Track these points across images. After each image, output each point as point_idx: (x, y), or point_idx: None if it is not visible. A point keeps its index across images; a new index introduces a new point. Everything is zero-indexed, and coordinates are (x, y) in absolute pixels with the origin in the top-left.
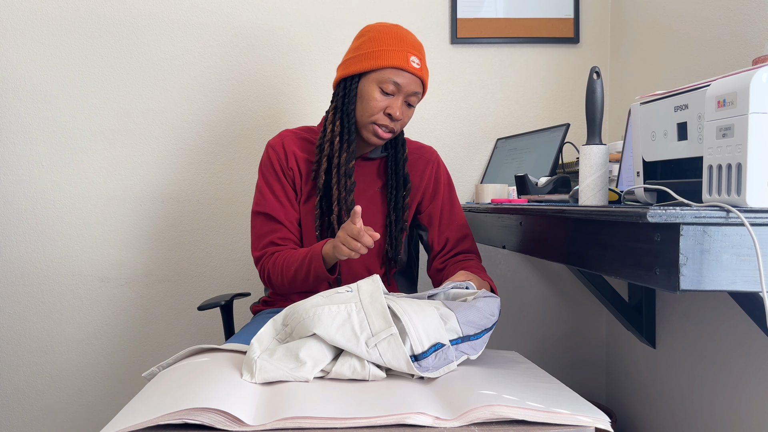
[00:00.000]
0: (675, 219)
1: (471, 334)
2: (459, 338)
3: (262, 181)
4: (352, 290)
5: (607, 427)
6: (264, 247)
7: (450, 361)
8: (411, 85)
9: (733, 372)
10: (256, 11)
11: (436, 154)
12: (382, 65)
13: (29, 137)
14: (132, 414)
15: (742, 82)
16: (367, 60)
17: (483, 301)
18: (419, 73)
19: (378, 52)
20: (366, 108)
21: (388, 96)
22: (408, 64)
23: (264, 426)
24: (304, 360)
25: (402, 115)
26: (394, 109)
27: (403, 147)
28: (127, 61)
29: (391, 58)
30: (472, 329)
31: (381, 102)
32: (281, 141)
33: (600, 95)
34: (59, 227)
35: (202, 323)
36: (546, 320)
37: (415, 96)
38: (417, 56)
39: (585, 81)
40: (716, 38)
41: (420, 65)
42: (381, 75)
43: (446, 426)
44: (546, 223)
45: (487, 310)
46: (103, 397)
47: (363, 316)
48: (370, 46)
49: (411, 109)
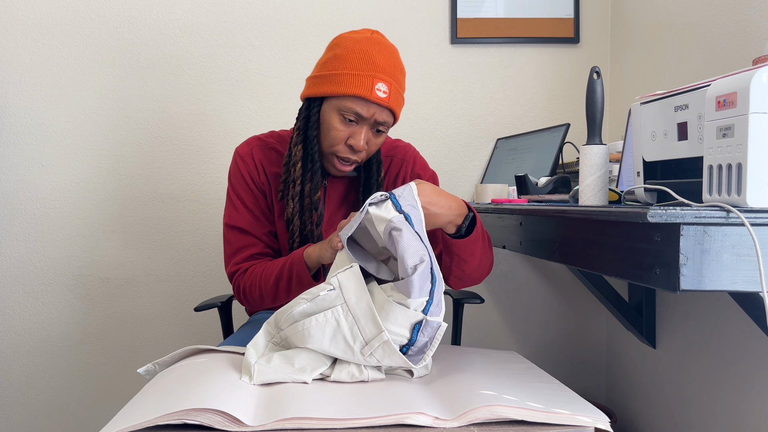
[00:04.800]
0: (675, 219)
1: (430, 288)
2: (427, 301)
3: (233, 193)
4: (335, 287)
5: (607, 427)
6: (239, 263)
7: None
8: (376, 115)
9: (733, 372)
10: (256, 11)
11: (411, 150)
12: (342, 92)
13: (29, 137)
14: (131, 414)
15: (742, 82)
16: (329, 84)
17: (408, 255)
18: (386, 102)
19: (340, 76)
20: (326, 137)
21: (351, 124)
22: (372, 93)
23: (263, 426)
24: (301, 368)
25: (366, 145)
26: (357, 139)
27: (378, 169)
28: (127, 61)
29: (353, 85)
30: (426, 284)
31: (342, 132)
32: (250, 152)
33: (600, 95)
34: (59, 227)
35: (202, 323)
36: (546, 320)
37: (383, 125)
38: (386, 82)
39: (585, 81)
40: (716, 38)
41: (387, 93)
42: (342, 103)
43: (446, 426)
44: (546, 223)
45: (417, 258)
46: (103, 397)
47: (352, 321)
48: (334, 66)
49: (381, 135)
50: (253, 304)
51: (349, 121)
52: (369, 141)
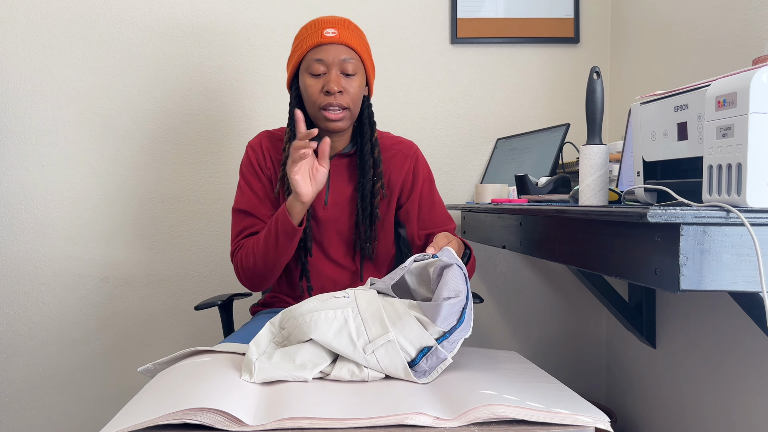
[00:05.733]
0: (675, 219)
1: (454, 324)
2: (444, 333)
3: (243, 181)
4: (349, 296)
5: (607, 427)
6: (239, 241)
7: (443, 358)
8: (334, 54)
9: (734, 372)
10: (257, 11)
11: (415, 148)
12: (302, 53)
13: (29, 137)
14: (132, 414)
15: (742, 82)
16: (291, 57)
17: (446, 288)
18: (337, 39)
19: (297, 45)
20: (307, 99)
21: (320, 77)
22: (321, 37)
23: (264, 426)
24: (302, 364)
25: (340, 86)
26: (329, 83)
27: (372, 130)
28: (127, 61)
29: (306, 41)
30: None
31: (315, 85)
32: (259, 141)
33: (600, 95)
34: (59, 227)
35: (202, 323)
36: (546, 320)
37: (347, 63)
38: (332, 27)
39: (585, 81)
40: (716, 38)
41: (337, 33)
42: (305, 62)
43: (446, 426)
44: (546, 223)
45: (453, 293)
46: (103, 397)
47: (360, 322)
48: (293, 44)
49: (351, 78)
50: (249, 275)
51: (317, 75)
52: (343, 83)
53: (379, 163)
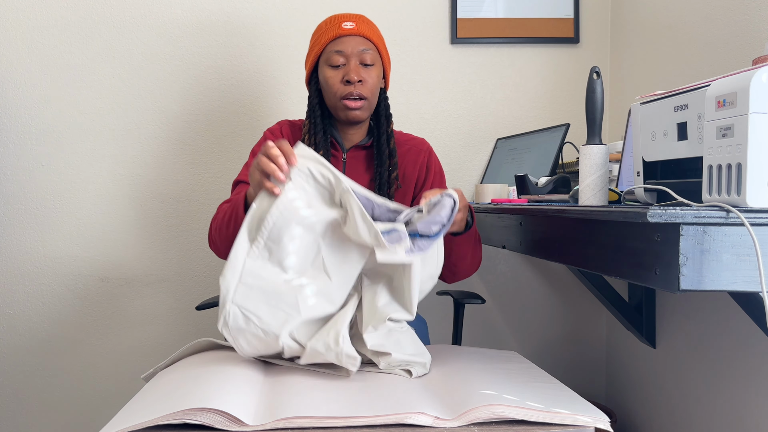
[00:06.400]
0: (675, 219)
1: (428, 235)
2: (415, 232)
3: (252, 158)
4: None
5: (607, 427)
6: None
7: (401, 239)
8: (353, 45)
9: (733, 372)
10: (256, 11)
11: (427, 144)
12: (321, 46)
13: (29, 137)
14: (131, 414)
15: (742, 82)
16: (311, 52)
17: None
18: (356, 31)
19: (315, 39)
20: (328, 91)
21: (340, 68)
22: (340, 30)
23: (264, 426)
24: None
25: (359, 75)
26: (349, 73)
27: (388, 122)
28: (127, 61)
29: (325, 34)
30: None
31: (335, 76)
32: (280, 128)
33: (600, 95)
34: (59, 227)
35: (202, 323)
36: (546, 320)
37: (365, 54)
38: (351, 20)
39: (585, 81)
40: (716, 38)
41: (355, 25)
42: (325, 55)
43: (446, 426)
44: (546, 223)
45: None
46: (103, 397)
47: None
48: (311, 40)
49: (370, 69)
50: (210, 240)
51: (337, 67)
52: (362, 73)
53: (395, 154)
